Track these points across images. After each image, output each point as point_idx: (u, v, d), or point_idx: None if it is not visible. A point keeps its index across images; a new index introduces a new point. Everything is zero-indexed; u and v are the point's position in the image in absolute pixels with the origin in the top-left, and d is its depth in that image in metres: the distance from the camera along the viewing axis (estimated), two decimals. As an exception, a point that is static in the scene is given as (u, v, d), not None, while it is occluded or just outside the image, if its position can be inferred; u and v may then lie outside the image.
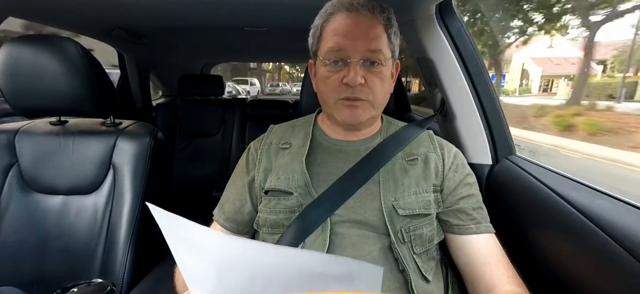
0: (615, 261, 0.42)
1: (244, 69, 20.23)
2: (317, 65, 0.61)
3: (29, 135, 0.86)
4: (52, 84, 0.77)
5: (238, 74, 18.45)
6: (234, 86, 14.02)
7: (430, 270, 0.57)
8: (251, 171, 0.65)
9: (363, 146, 0.63)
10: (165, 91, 2.49)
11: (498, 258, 0.56)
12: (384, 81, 0.59)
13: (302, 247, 0.55)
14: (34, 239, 0.83)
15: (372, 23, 0.56)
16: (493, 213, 0.62)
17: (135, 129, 0.90)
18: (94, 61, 0.81)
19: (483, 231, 0.58)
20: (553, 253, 0.55)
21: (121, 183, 0.84)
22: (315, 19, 0.61)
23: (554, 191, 0.57)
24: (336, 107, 0.59)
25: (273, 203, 0.59)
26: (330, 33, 0.57)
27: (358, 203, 0.57)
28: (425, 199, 0.58)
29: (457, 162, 0.63)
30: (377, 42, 0.56)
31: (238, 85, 14.70)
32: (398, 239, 0.55)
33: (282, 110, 2.04)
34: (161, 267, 0.76)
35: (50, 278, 0.82)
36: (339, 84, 0.57)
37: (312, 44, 0.63)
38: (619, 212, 0.47)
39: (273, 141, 0.67)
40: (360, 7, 0.56)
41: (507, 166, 0.75)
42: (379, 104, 0.60)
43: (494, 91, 0.80)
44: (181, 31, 1.58)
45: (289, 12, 1.20)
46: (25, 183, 0.84)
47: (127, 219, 0.82)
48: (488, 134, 0.79)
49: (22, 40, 0.76)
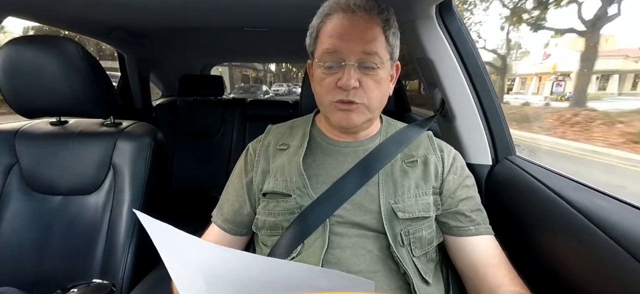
0: (615, 261, 0.42)
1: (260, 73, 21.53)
2: (314, 66, 0.61)
3: (29, 135, 0.86)
4: (52, 84, 0.77)
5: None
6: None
7: (429, 272, 0.57)
8: (249, 173, 0.65)
9: (362, 147, 0.63)
10: (165, 91, 2.49)
11: (499, 259, 0.55)
12: (380, 84, 0.57)
13: (300, 248, 0.55)
14: (34, 239, 0.83)
15: (368, 25, 0.55)
16: (493, 213, 0.62)
17: (135, 129, 0.90)
18: (94, 61, 0.81)
19: (482, 232, 0.58)
20: (553, 253, 0.55)
21: (121, 183, 0.84)
22: (313, 19, 0.61)
23: (554, 191, 0.57)
24: (331, 109, 0.58)
25: (271, 205, 0.59)
26: (326, 34, 0.57)
27: (357, 205, 0.57)
28: (424, 201, 0.58)
29: (456, 165, 0.63)
30: (373, 45, 0.54)
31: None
32: (397, 242, 0.55)
33: (282, 110, 2.04)
34: (161, 267, 0.75)
35: (50, 278, 0.81)
36: (333, 87, 0.56)
37: (309, 45, 0.62)
38: (619, 212, 0.47)
39: (271, 142, 0.67)
40: (356, 8, 0.55)
41: (507, 166, 0.75)
42: (374, 107, 0.59)
43: (493, 91, 0.80)
44: (181, 31, 1.57)
45: (289, 12, 1.20)
46: (26, 183, 0.84)
47: (127, 219, 0.82)
48: (488, 135, 0.79)
49: (22, 40, 0.76)
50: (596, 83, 19.16)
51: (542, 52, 18.77)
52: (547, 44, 18.26)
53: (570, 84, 17.54)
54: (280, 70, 27.54)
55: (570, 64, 17.89)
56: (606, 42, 18.19)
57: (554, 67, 17.99)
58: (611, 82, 17.62)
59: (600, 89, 17.38)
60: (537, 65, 19.15)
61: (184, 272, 0.36)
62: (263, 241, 0.61)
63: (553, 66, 18.02)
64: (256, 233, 0.64)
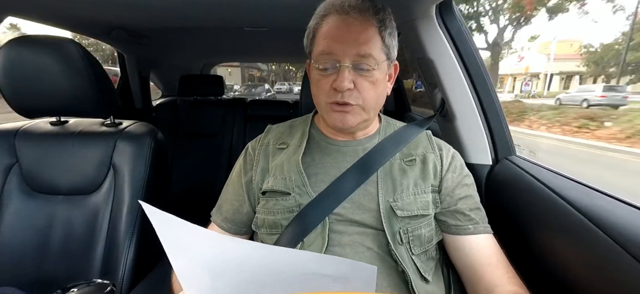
0: (615, 261, 0.42)
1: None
2: (311, 67, 0.61)
3: (29, 135, 0.86)
4: (52, 84, 0.77)
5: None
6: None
7: (429, 270, 0.57)
8: (249, 172, 0.65)
9: (361, 146, 0.63)
10: (165, 91, 2.49)
11: (497, 258, 0.56)
12: (376, 85, 0.57)
13: (300, 247, 0.55)
14: (34, 239, 0.83)
15: (362, 26, 0.55)
16: (493, 213, 0.62)
17: (136, 129, 0.90)
18: (94, 61, 0.81)
19: (481, 231, 0.58)
20: (553, 253, 0.55)
21: (121, 183, 0.84)
22: (310, 20, 0.61)
23: (554, 191, 0.57)
24: (326, 111, 0.59)
25: (271, 204, 0.59)
26: (321, 36, 0.57)
27: (356, 203, 0.57)
28: (423, 200, 0.58)
29: (455, 163, 0.63)
30: (367, 47, 0.54)
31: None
32: (396, 240, 0.55)
33: (282, 110, 2.04)
34: (161, 267, 0.76)
35: (50, 278, 0.81)
36: (329, 88, 0.56)
37: (307, 46, 0.62)
38: (619, 212, 0.47)
39: (270, 141, 0.67)
40: (350, 10, 0.55)
41: (507, 166, 0.75)
42: (370, 108, 0.59)
43: (494, 91, 0.80)
44: (181, 31, 1.58)
45: (288, 12, 1.20)
46: (26, 183, 0.84)
47: (127, 219, 0.82)
48: (488, 134, 0.79)
49: (22, 40, 0.76)
50: (561, 83, 21.37)
51: (518, 55, 20.66)
52: (522, 48, 19.78)
53: (540, 84, 19.31)
54: (282, 70, 28.08)
55: (540, 66, 20.07)
56: (570, 46, 19.44)
57: (526, 69, 20.23)
58: (573, 82, 19.83)
59: (565, 88, 19.44)
60: (512, 67, 20.65)
61: (188, 265, 0.36)
62: (262, 240, 0.61)
63: (526, 68, 20.18)
64: (256, 232, 0.64)
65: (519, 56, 20.64)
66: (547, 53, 17.32)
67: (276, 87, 19.69)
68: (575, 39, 16.38)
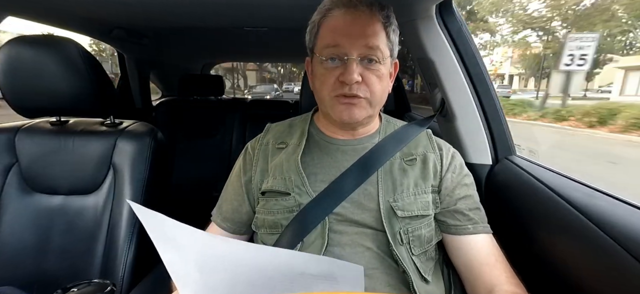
0: (615, 261, 0.42)
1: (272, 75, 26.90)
2: (314, 62, 0.61)
3: (29, 135, 0.86)
4: (52, 84, 0.77)
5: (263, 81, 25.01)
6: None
7: (429, 270, 0.57)
8: (248, 172, 0.65)
9: (361, 145, 0.63)
10: (165, 91, 2.49)
11: (496, 258, 0.55)
12: (382, 79, 0.58)
13: (300, 247, 0.55)
14: (34, 239, 0.83)
15: (370, 20, 0.55)
16: (493, 213, 0.62)
17: (135, 129, 0.90)
18: (94, 61, 0.81)
19: (480, 231, 0.58)
20: (553, 253, 0.55)
21: (121, 183, 0.84)
22: (313, 15, 0.60)
23: (554, 191, 0.57)
24: (332, 105, 0.58)
25: (271, 203, 0.59)
26: (328, 29, 0.57)
27: (356, 203, 0.57)
28: (423, 200, 0.58)
29: (455, 163, 0.63)
30: (375, 40, 0.55)
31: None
32: (396, 240, 0.55)
33: (282, 110, 2.04)
34: (161, 267, 0.75)
35: (50, 278, 0.81)
36: (335, 82, 0.56)
37: (309, 41, 0.62)
38: (619, 212, 0.47)
39: (270, 141, 0.67)
40: (358, 4, 0.55)
41: (507, 166, 0.75)
42: (376, 102, 0.59)
43: (494, 91, 0.79)
44: (181, 31, 1.58)
45: (289, 12, 1.20)
46: (26, 183, 0.84)
47: (127, 219, 0.82)
48: (488, 134, 0.79)
49: (22, 40, 0.76)
50: (521, 82, 24.01)
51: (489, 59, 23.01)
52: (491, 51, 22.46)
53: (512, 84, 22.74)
54: (287, 72, 28.68)
55: (506, 68, 23.16)
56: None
57: (495, 70, 22.71)
58: (530, 83, 22.33)
59: (524, 87, 22.43)
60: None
61: (178, 262, 0.37)
62: (263, 240, 0.61)
63: (494, 69, 22.58)
64: (256, 232, 0.64)
65: (490, 60, 23.07)
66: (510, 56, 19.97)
67: (284, 87, 21.87)
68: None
